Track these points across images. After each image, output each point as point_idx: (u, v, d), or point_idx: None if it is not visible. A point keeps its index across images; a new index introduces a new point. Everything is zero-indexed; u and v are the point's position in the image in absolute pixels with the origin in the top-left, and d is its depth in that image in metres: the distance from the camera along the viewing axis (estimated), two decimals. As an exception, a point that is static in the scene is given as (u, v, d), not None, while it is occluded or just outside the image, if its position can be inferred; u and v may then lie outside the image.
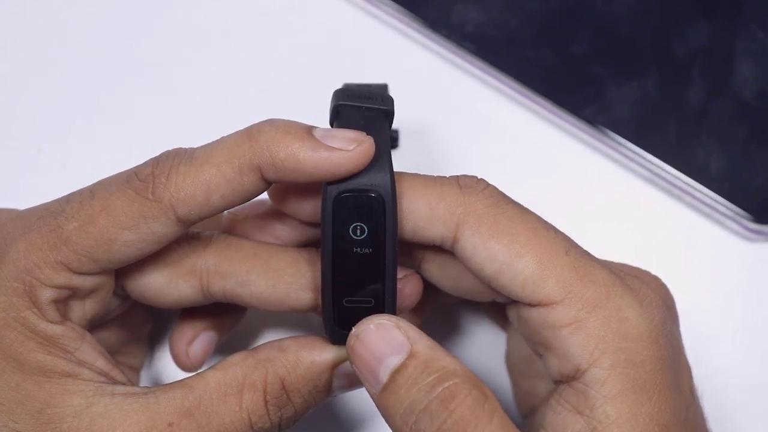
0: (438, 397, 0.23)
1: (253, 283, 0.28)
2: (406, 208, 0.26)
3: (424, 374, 0.24)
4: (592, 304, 0.25)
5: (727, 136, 0.37)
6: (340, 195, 0.25)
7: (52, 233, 0.26)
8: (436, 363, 0.24)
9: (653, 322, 0.25)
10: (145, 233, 0.26)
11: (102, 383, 0.25)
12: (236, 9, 0.41)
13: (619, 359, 0.24)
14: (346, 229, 0.25)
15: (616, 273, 0.26)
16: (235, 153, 0.26)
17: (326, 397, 0.27)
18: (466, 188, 0.26)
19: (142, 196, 0.26)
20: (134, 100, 0.39)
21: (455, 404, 0.23)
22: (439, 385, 0.24)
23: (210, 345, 0.31)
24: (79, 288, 0.26)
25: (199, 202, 0.26)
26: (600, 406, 0.24)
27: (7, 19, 0.40)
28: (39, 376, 0.25)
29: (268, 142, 0.25)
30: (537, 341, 0.26)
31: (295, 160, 0.25)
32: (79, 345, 0.26)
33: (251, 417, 0.26)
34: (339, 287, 0.26)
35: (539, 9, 0.39)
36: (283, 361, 0.26)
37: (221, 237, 0.29)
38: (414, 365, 0.24)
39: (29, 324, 0.25)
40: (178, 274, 0.28)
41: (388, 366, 0.24)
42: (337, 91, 0.28)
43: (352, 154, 0.25)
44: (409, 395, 0.24)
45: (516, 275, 0.25)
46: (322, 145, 0.25)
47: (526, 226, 0.26)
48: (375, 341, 0.25)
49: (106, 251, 0.26)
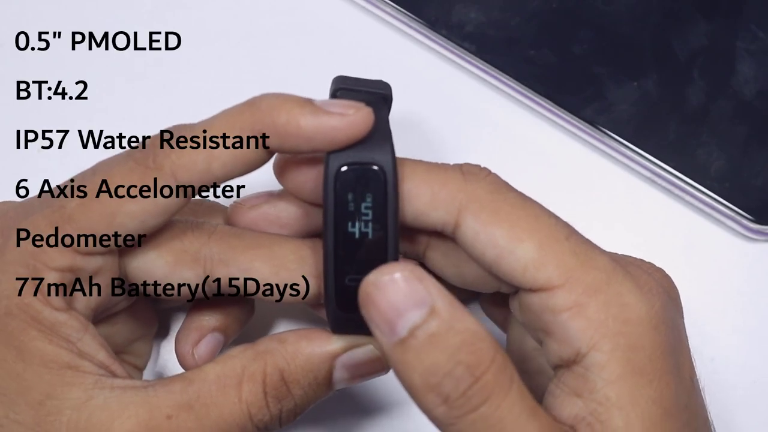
0: (464, 362, 0.23)
1: (256, 270, 0.28)
2: (409, 193, 0.26)
3: (448, 335, 0.23)
4: (593, 288, 0.25)
5: (727, 136, 0.37)
6: (342, 168, 0.25)
7: (54, 214, 0.26)
8: (459, 324, 0.23)
9: (653, 308, 0.25)
10: (147, 203, 0.26)
11: (102, 376, 0.25)
12: (236, 9, 0.41)
13: (618, 343, 0.24)
14: (347, 204, 0.26)
15: (616, 260, 0.26)
16: (236, 120, 0.26)
17: (327, 390, 0.27)
18: (469, 175, 0.27)
19: (142, 165, 0.26)
20: (134, 100, 0.39)
21: (481, 370, 0.23)
22: (464, 348, 0.23)
23: (216, 347, 0.31)
24: (84, 269, 0.26)
25: (200, 169, 0.26)
26: (600, 389, 0.24)
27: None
28: (39, 366, 0.25)
29: (269, 108, 0.26)
30: (537, 327, 0.26)
31: (296, 124, 0.26)
32: (81, 336, 0.26)
33: (250, 409, 0.26)
34: (340, 264, 0.26)
35: (539, 9, 0.40)
36: (282, 353, 0.26)
37: (225, 227, 0.29)
38: (437, 324, 0.23)
39: (32, 311, 0.25)
40: (183, 261, 0.28)
41: (408, 320, 0.23)
42: (337, 78, 0.28)
43: (351, 119, 0.25)
44: (431, 355, 0.23)
45: (517, 260, 0.25)
46: (323, 110, 0.26)
47: (528, 213, 0.26)
48: (394, 291, 0.23)
49: (110, 224, 0.26)
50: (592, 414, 0.24)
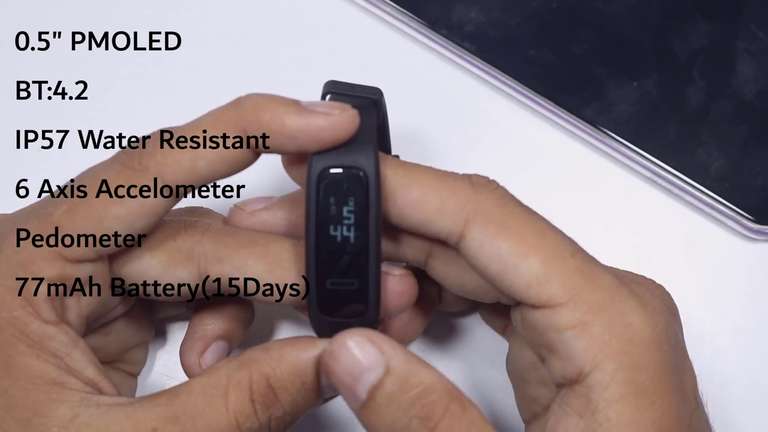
0: (417, 416, 0.24)
1: (250, 268, 0.28)
2: (417, 199, 0.26)
3: (401, 391, 0.24)
4: (597, 307, 0.25)
5: (727, 136, 0.37)
6: (324, 170, 0.25)
7: (41, 223, 0.26)
8: (413, 378, 0.24)
9: (657, 327, 0.25)
10: (134, 205, 0.26)
11: (88, 393, 0.25)
12: (236, 9, 0.41)
13: (622, 363, 0.24)
14: (329, 207, 0.25)
15: (620, 278, 0.26)
16: (220, 119, 0.26)
17: (317, 398, 0.27)
18: (478, 186, 0.26)
19: (128, 167, 0.26)
20: (134, 100, 0.39)
21: (434, 421, 0.24)
22: (417, 402, 0.24)
23: (222, 354, 0.30)
24: (74, 278, 0.26)
25: (186, 168, 0.26)
26: (602, 410, 0.24)
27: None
28: (26, 382, 0.25)
29: (254, 107, 0.26)
30: (540, 344, 0.26)
31: (280, 122, 0.26)
32: (70, 351, 0.26)
33: (238, 417, 0.25)
34: (322, 267, 0.26)
35: (539, 9, 0.39)
36: (267, 360, 0.26)
37: (219, 225, 0.29)
38: (391, 382, 0.24)
39: (21, 324, 0.25)
40: (177, 260, 0.28)
41: (365, 383, 0.24)
42: (328, 82, 0.29)
43: (336, 119, 0.25)
44: (388, 413, 0.24)
45: (521, 275, 0.25)
46: (308, 110, 0.26)
47: (534, 228, 0.26)
48: (349, 358, 0.25)
49: (98, 229, 0.26)
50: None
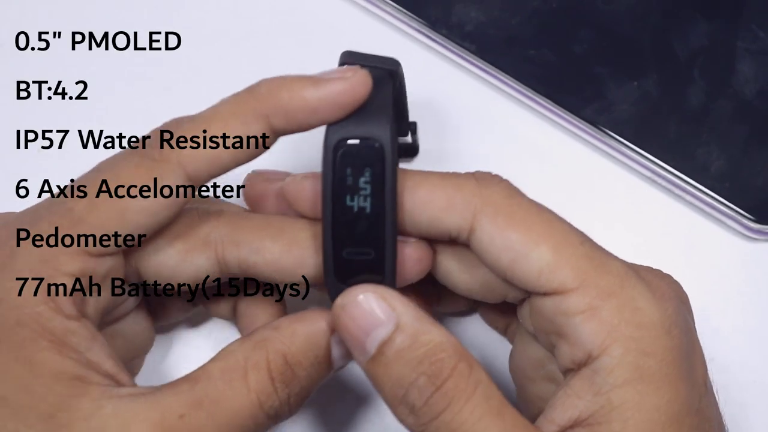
0: (425, 373, 0.24)
1: (267, 249, 0.28)
2: (424, 198, 0.27)
3: (411, 348, 0.24)
4: (607, 292, 0.25)
5: (727, 136, 0.37)
6: (340, 142, 0.26)
7: (63, 218, 0.26)
8: (423, 336, 0.25)
9: (666, 312, 0.25)
10: (157, 197, 0.26)
11: (108, 386, 0.25)
12: (236, 9, 0.41)
13: (630, 348, 0.25)
14: (345, 178, 0.26)
15: (629, 265, 0.26)
16: (239, 106, 0.27)
17: (328, 370, 0.27)
18: (483, 180, 0.27)
19: (148, 158, 0.26)
20: (134, 100, 0.39)
21: (442, 379, 0.24)
22: (426, 359, 0.24)
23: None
24: (96, 272, 0.26)
25: (208, 157, 0.26)
26: (605, 393, 0.24)
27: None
28: (49, 378, 0.25)
29: (270, 90, 0.26)
30: (550, 330, 0.26)
31: (299, 97, 0.26)
32: (90, 345, 0.26)
33: (260, 397, 0.25)
34: (338, 237, 0.26)
35: (539, 9, 0.39)
36: (280, 338, 0.26)
37: (233, 211, 0.29)
38: (401, 339, 0.24)
39: (43, 320, 0.25)
40: (194, 246, 0.28)
41: (375, 338, 0.25)
42: (345, 53, 0.28)
43: (352, 80, 0.26)
44: (397, 369, 0.24)
45: (532, 264, 0.26)
46: (323, 80, 0.26)
47: (542, 218, 0.26)
48: (360, 313, 0.25)
49: (121, 222, 0.26)
50: (592, 416, 0.25)
